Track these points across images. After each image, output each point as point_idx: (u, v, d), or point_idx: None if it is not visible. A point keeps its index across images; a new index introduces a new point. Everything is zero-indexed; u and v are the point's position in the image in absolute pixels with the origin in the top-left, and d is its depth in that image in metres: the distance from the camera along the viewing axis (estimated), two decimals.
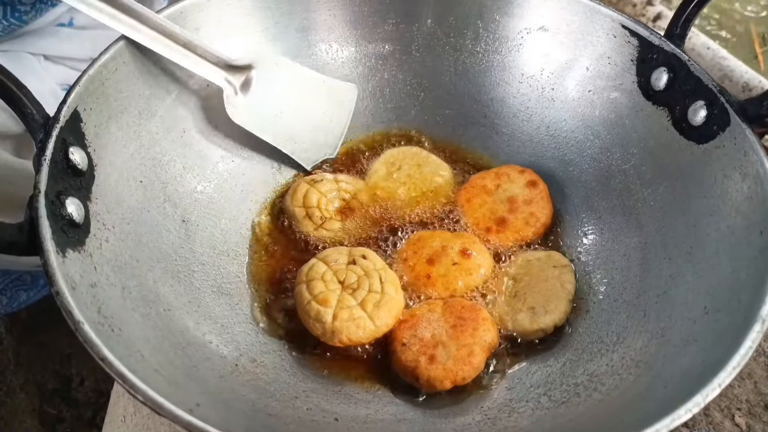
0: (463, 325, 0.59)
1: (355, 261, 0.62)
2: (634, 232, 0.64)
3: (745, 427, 1.05)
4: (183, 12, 0.65)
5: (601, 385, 0.52)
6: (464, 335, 0.58)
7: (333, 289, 0.60)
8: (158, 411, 0.39)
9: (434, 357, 0.57)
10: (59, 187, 0.50)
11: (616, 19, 0.67)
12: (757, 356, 1.16)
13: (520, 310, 0.62)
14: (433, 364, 0.56)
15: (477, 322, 0.59)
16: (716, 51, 1.58)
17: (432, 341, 0.58)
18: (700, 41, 1.59)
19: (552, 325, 0.61)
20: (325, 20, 0.75)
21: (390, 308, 0.59)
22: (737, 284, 0.50)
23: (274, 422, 0.50)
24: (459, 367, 0.56)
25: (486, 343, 0.58)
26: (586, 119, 0.71)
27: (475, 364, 0.57)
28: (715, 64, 1.56)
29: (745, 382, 1.12)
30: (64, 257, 0.47)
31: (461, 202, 0.71)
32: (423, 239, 0.68)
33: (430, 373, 0.56)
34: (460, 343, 0.58)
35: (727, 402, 1.12)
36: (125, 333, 0.47)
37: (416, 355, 0.57)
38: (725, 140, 0.58)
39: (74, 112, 0.54)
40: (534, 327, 0.61)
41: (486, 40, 0.76)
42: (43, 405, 1.04)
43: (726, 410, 1.09)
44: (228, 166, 0.69)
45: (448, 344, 0.58)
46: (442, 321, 0.60)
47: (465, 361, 0.56)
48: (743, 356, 0.42)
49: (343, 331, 0.57)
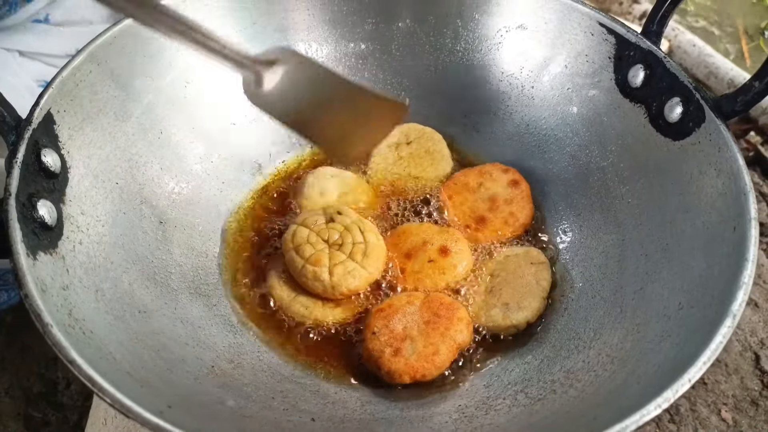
0: (437, 323, 0.59)
1: (333, 218, 0.66)
2: (612, 229, 0.64)
3: (731, 421, 1.05)
4: None
5: (577, 382, 0.52)
6: (434, 333, 0.58)
7: (321, 249, 0.63)
8: (126, 414, 0.38)
9: (399, 350, 0.58)
10: (31, 190, 0.50)
11: (593, 17, 0.67)
12: (743, 351, 1.17)
13: (494, 306, 0.62)
14: (397, 357, 0.57)
15: (451, 322, 0.59)
16: (702, 48, 1.59)
17: (402, 334, 0.59)
18: (686, 38, 1.60)
19: (524, 321, 0.61)
20: (304, 20, 0.74)
21: (377, 254, 0.64)
22: (711, 280, 0.50)
23: (249, 424, 0.50)
24: (421, 364, 0.57)
25: (456, 343, 0.58)
26: (565, 117, 0.72)
27: (437, 363, 0.57)
28: (701, 61, 1.57)
29: (731, 377, 1.13)
30: (35, 260, 0.47)
31: (443, 198, 0.72)
32: (407, 232, 0.68)
33: (391, 365, 0.57)
34: (429, 340, 0.58)
35: (714, 397, 1.12)
36: (97, 335, 0.47)
37: (383, 346, 0.58)
38: (701, 136, 0.58)
39: (47, 114, 0.54)
40: (506, 323, 0.61)
41: (466, 39, 0.76)
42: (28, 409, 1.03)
43: (712, 405, 1.10)
44: (206, 167, 0.69)
45: (416, 339, 0.58)
46: (417, 315, 0.60)
47: (428, 359, 0.57)
48: (714, 351, 0.43)
49: (342, 284, 0.62)
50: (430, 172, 0.74)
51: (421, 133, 0.77)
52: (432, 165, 0.75)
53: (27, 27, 0.78)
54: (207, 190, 0.68)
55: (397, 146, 0.76)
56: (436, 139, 0.76)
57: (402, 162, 0.75)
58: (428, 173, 0.74)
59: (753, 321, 1.19)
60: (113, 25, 0.61)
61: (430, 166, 0.75)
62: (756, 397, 1.10)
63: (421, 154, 0.75)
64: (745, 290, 0.46)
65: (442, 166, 0.75)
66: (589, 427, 0.40)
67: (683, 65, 1.61)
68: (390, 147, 0.76)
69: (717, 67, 1.55)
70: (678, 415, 1.09)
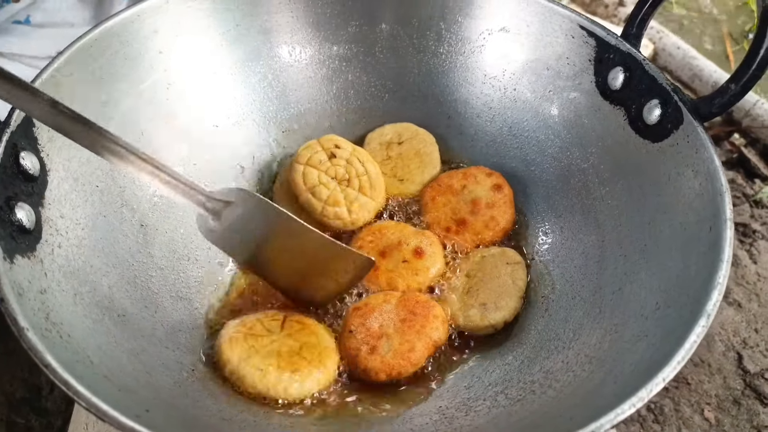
0: (413, 320, 0.60)
1: (334, 153, 0.71)
2: (592, 230, 0.65)
3: (714, 421, 1.06)
4: (140, 15, 0.64)
5: (556, 382, 0.52)
6: (411, 330, 0.59)
7: (333, 188, 0.69)
8: (102, 418, 0.38)
9: (375, 348, 0.58)
10: (9, 193, 0.50)
11: (573, 20, 0.68)
12: (726, 351, 1.18)
13: (471, 306, 0.63)
14: (373, 355, 0.58)
15: (427, 319, 0.60)
16: (686, 51, 1.61)
17: (378, 332, 0.59)
18: (671, 41, 1.62)
19: (502, 321, 0.62)
20: (288, 22, 0.74)
21: (380, 183, 0.72)
22: (687, 280, 0.50)
23: (229, 427, 0.50)
24: (396, 361, 0.57)
25: (431, 340, 0.59)
26: (546, 119, 0.72)
27: (413, 360, 0.58)
28: (685, 63, 1.59)
29: (714, 377, 1.14)
30: (11, 263, 0.46)
31: (426, 199, 0.72)
32: (383, 230, 0.69)
33: (368, 363, 0.58)
34: (404, 338, 0.59)
35: (697, 397, 1.13)
36: (75, 339, 0.46)
37: (359, 344, 0.59)
38: (678, 138, 0.59)
39: (26, 116, 0.53)
40: (484, 323, 0.62)
41: (449, 42, 0.76)
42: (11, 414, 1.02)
43: (696, 405, 1.11)
44: (188, 170, 0.68)
45: (392, 337, 0.59)
46: (394, 313, 0.61)
47: (404, 357, 0.58)
48: (688, 351, 0.43)
49: (360, 218, 0.70)
50: (416, 175, 0.74)
51: (415, 134, 0.77)
52: (419, 168, 0.75)
53: (7, 28, 0.78)
54: None
55: (389, 145, 0.76)
56: (428, 142, 0.77)
57: (390, 162, 0.75)
58: (414, 176, 0.74)
59: (736, 321, 1.20)
60: (94, 27, 0.61)
61: (417, 168, 0.75)
62: (738, 397, 1.11)
63: (410, 156, 0.75)
64: (719, 290, 0.46)
65: (429, 170, 0.75)
66: (565, 426, 0.40)
67: (668, 68, 1.62)
68: (381, 145, 0.76)
69: (701, 69, 1.56)
70: (662, 414, 1.10)
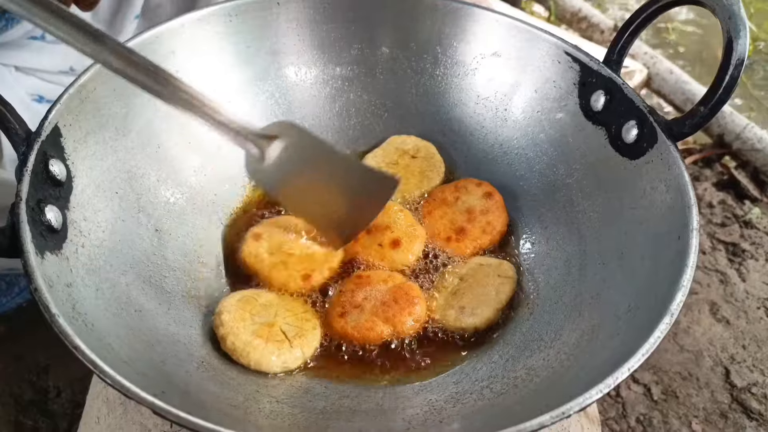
0: (390, 307, 0.65)
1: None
2: (575, 240, 0.70)
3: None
4: (159, 36, 0.70)
5: (537, 378, 0.57)
6: (382, 314, 0.65)
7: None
8: (126, 394, 0.43)
9: (345, 314, 0.65)
10: (39, 196, 0.55)
11: (559, 47, 0.73)
12: (714, 366, 1.21)
13: (451, 307, 0.67)
14: (341, 318, 0.65)
15: (402, 311, 0.65)
16: (679, 75, 1.67)
17: (357, 303, 0.66)
18: (664, 66, 1.68)
19: (472, 327, 0.66)
20: (294, 44, 0.80)
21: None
22: (656, 284, 0.55)
23: (235, 412, 0.54)
24: (353, 333, 0.64)
25: (394, 330, 0.64)
26: (534, 138, 0.77)
27: (370, 338, 0.64)
28: (678, 87, 1.65)
29: (702, 391, 1.17)
30: (42, 259, 0.51)
31: (424, 214, 0.77)
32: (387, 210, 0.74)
33: (332, 322, 0.65)
34: (372, 317, 0.65)
35: (685, 410, 1.17)
36: (97, 328, 0.51)
37: (338, 305, 0.66)
38: (653, 156, 0.64)
39: (55, 127, 0.59)
40: (456, 324, 0.66)
41: (444, 65, 0.81)
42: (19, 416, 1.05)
43: (684, 418, 1.14)
44: (200, 179, 0.73)
45: (365, 312, 0.65)
46: (381, 294, 0.66)
47: (360, 331, 0.64)
48: (652, 345, 0.48)
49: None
50: (411, 191, 0.78)
51: (430, 156, 0.80)
52: (416, 186, 0.79)
53: (23, 43, 0.82)
54: (200, 200, 0.73)
55: (403, 153, 0.80)
56: (436, 168, 0.80)
57: (395, 167, 0.79)
58: (408, 189, 0.78)
59: (724, 337, 1.24)
60: None
61: (414, 186, 0.79)
62: (725, 410, 1.14)
63: (414, 172, 0.79)
64: (683, 292, 0.51)
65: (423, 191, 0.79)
66: (540, 411, 0.45)
67: (661, 92, 1.68)
68: (397, 150, 0.80)
69: (693, 93, 1.62)
70: (651, 426, 1.13)
